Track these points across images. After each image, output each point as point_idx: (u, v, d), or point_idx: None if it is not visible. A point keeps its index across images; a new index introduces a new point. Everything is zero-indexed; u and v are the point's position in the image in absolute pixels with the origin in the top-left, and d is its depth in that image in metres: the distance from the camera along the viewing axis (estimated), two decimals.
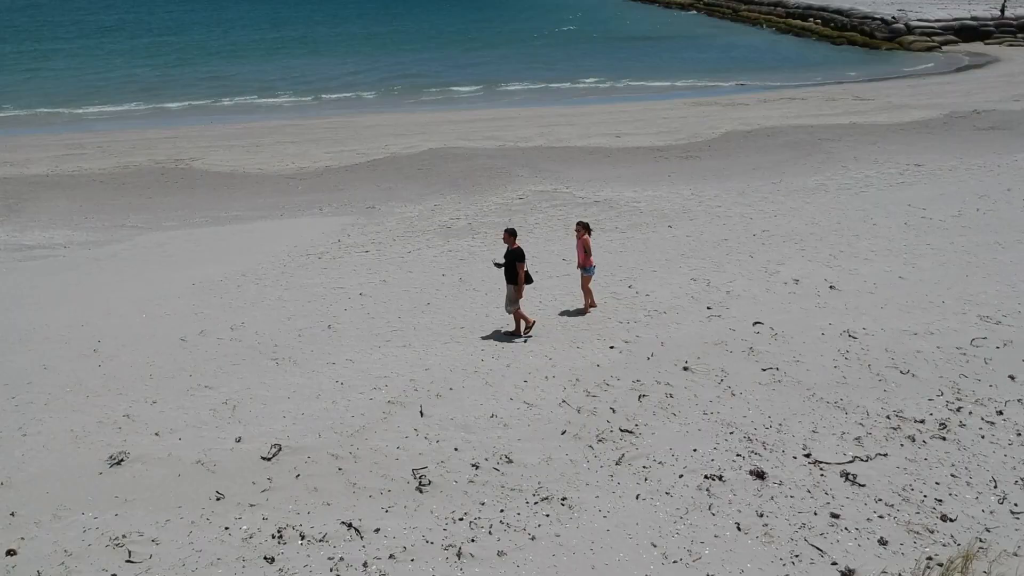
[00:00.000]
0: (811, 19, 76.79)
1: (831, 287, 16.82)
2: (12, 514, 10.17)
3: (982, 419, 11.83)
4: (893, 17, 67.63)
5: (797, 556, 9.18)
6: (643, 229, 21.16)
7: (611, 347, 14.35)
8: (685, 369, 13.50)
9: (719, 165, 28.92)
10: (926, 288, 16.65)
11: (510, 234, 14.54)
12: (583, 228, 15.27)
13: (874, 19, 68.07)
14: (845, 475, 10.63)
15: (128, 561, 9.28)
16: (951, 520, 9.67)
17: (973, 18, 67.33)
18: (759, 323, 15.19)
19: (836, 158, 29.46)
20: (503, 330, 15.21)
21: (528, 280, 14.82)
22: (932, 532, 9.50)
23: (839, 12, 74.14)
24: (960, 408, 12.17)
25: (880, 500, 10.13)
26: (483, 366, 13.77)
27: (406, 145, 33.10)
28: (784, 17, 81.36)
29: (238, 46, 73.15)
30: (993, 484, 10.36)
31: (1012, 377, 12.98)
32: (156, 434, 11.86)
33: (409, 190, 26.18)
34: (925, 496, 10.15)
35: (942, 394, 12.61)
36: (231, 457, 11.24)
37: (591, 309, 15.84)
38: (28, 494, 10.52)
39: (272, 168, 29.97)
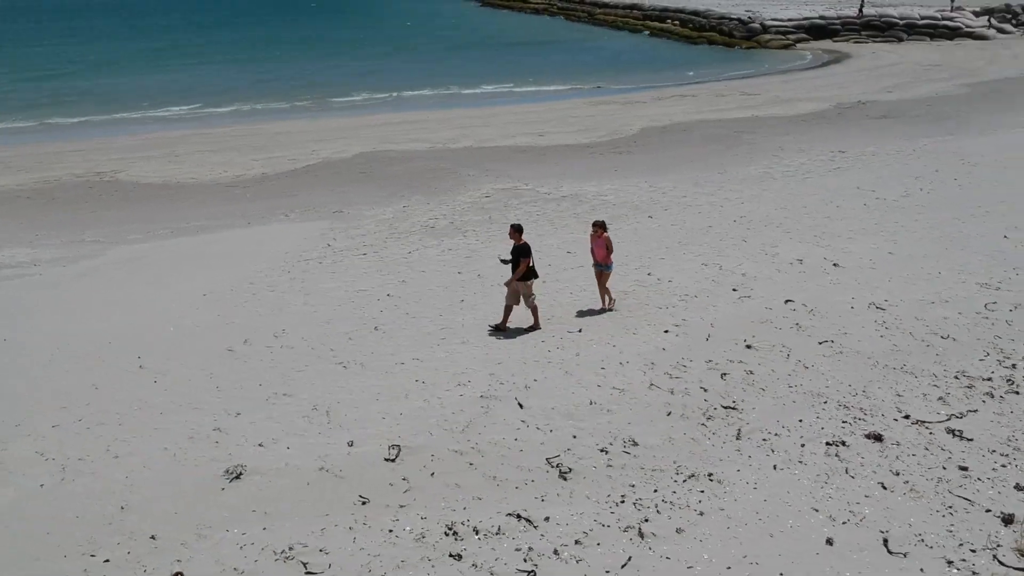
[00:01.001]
0: (669, 20, 79.61)
1: (834, 265, 17.69)
2: (152, 537, 9.61)
3: None
4: (749, 17, 71.02)
5: (950, 507, 9.77)
6: (626, 220, 21.64)
7: (665, 331, 14.72)
8: (748, 347, 13.98)
9: (653, 159, 29.78)
10: (918, 262, 17.80)
11: (516, 230, 14.52)
12: (602, 227, 15.25)
13: (731, 19, 71.37)
14: (951, 431, 11.32)
15: (309, 573, 8.95)
16: None
17: (821, 17, 71.49)
18: (790, 301, 15.88)
19: (761, 148, 30.86)
20: (526, 326, 15.26)
21: (533, 275, 14.86)
22: None
23: (696, 13, 77.32)
24: (1015, 365, 13.11)
25: (994, 451, 10.85)
26: (553, 356, 13.87)
27: (334, 150, 32.55)
28: (641, 19, 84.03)
29: (107, 57, 69.55)
30: None
31: None
32: (260, 445, 11.44)
33: (365, 194, 25.81)
34: None
35: (989, 355, 13.58)
36: (352, 462, 10.99)
37: (612, 305, 15.93)
38: (155, 516, 9.98)
39: (205, 177, 28.89)
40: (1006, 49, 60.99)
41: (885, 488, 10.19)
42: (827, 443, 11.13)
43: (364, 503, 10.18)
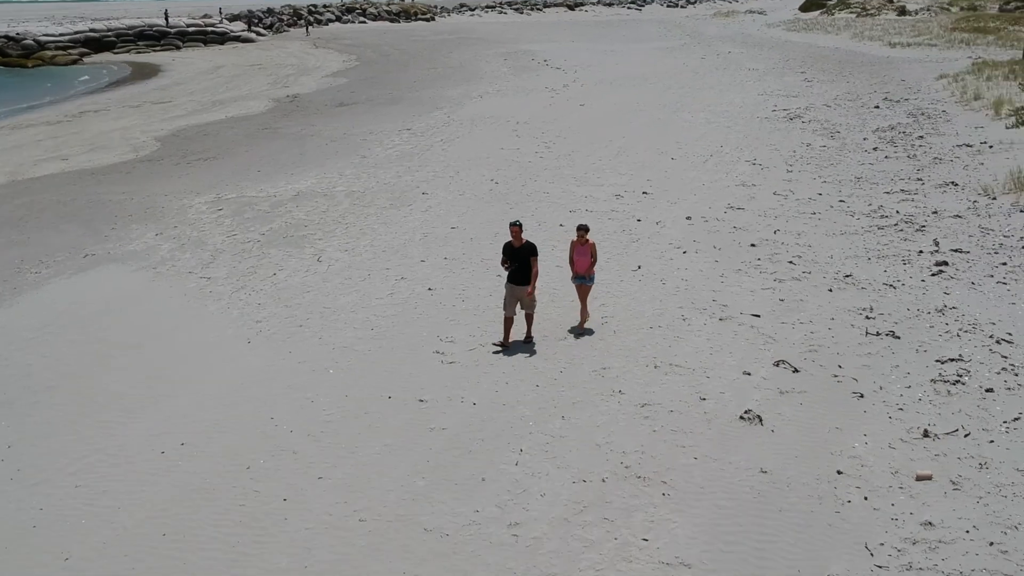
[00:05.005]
0: None
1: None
2: None
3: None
4: (18, 33, 64.86)
5: None
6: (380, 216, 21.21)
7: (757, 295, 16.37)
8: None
9: (232, 163, 27.74)
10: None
11: (519, 228, 12.71)
12: (586, 231, 13.15)
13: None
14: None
15: None
16: None
17: (92, 30, 69.08)
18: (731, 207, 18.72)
19: (326, 137, 31.14)
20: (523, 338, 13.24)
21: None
22: None
23: None
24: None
25: None
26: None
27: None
28: None
29: None
30: None
31: None
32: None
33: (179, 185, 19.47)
34: None
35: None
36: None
37: (586, 323, 13.67)
38: None
39: None
40: (284, 45, 67.54)
41: None
42: None
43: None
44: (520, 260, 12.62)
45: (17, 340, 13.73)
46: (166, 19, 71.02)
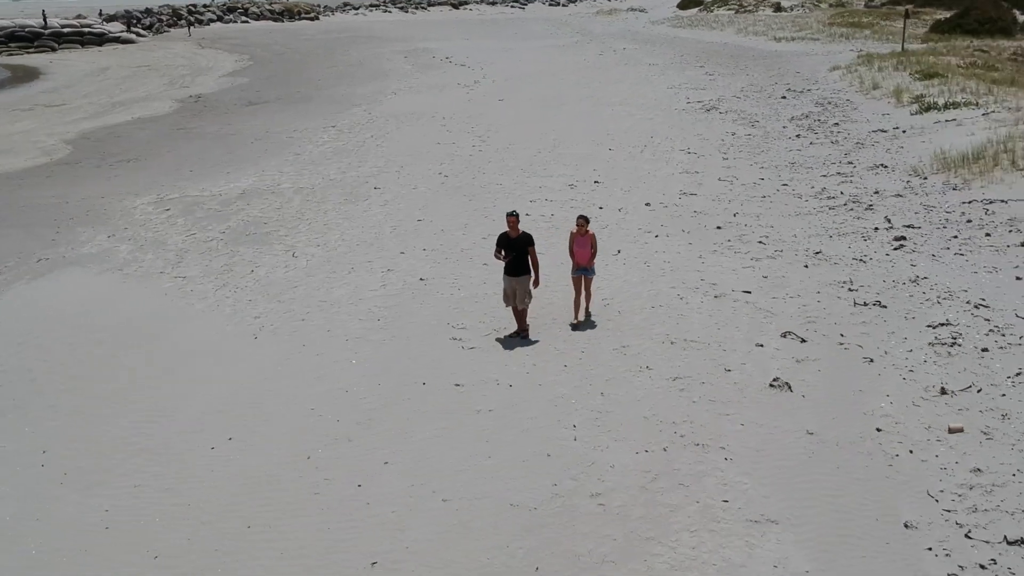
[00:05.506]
0: None
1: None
2: None
3: None
4: None
5: None
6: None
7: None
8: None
9: (159, 164, 26.97)
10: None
11: (516, 218, 12.54)
12: (587, 221, 12.97)
13: None
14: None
15: None
16: None
17: None
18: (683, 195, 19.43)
19: (250, 135, 30.58)
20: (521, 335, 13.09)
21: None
22: None
23: None
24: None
25: None
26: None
27: None
28: None
29: None
30: None
31: None
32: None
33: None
34: None
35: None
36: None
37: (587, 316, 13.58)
38: None
39: None
40: (168, 46, 65.57)
41: None
42: None
43: None
44: (518, 251, 12.47)
45: (7, 344, 13.09)
46: (44, 20, 67.50)
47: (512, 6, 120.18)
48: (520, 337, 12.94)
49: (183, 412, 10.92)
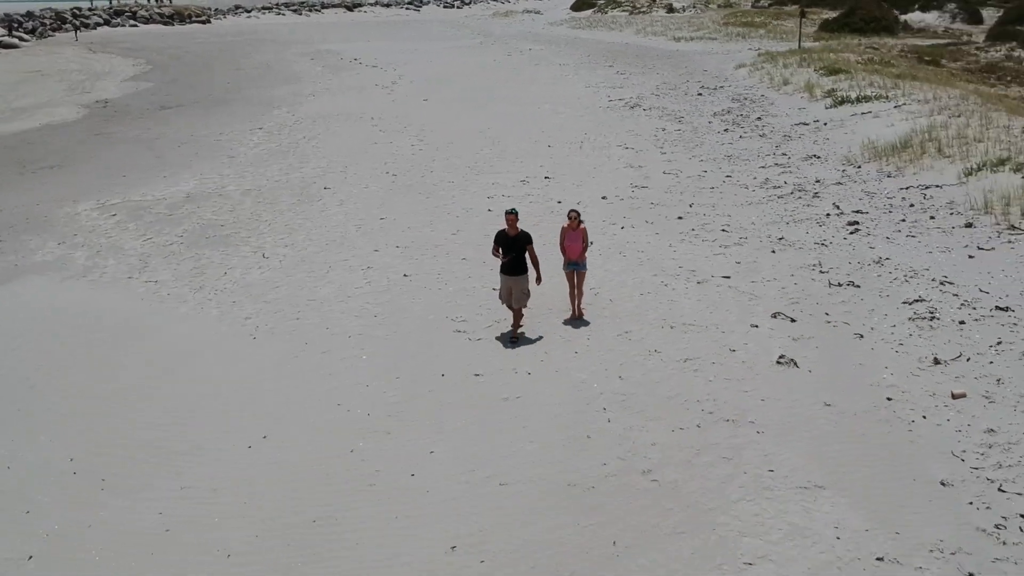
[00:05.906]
0: None
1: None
2: None
3: None
4: None
5: None
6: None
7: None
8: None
9: (87, 170, 26.11)
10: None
11: (516, 216, 12.33)
12: (578, 215, 12.94)
13: None
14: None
15: None
16: None
17: None
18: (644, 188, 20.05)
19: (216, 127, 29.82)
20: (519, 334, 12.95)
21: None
22: None
23: None
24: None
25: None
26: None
27: None
28: None
29: None
30: None
31: None
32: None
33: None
34: None
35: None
36: None
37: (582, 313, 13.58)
38: None
39: None
40: (56, 51, 63.19)
41: None
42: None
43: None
44: (517, 250, 12.30)
45: None
46: None
47: (407, 8, 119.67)
48: (510, 339, 12.74)
49: (202, 413, 10.74)
